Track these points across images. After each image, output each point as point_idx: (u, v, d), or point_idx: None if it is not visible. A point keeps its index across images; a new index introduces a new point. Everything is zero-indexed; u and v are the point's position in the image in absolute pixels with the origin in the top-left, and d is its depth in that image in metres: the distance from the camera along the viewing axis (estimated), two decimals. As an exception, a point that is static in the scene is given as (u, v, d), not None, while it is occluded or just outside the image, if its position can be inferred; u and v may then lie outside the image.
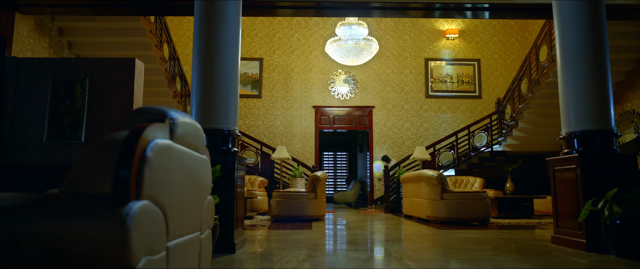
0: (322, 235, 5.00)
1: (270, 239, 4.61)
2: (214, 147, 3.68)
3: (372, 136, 11.61)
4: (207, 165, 2.19)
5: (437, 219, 6.51)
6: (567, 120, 4.00)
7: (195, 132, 1.93)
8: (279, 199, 6.97)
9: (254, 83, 11.58)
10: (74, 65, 5.43)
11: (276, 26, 11.82)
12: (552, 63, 7.76)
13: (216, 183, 3.41)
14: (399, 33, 11.96)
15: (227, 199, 3.50)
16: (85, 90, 5.40)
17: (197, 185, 1.99)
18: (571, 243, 3.76)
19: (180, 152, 1.71)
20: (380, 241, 4.67)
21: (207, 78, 3.76)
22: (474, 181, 9.47)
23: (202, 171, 2.09)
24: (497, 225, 6.32)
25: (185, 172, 1.79)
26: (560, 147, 9.91)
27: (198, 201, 2.04)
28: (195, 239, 2.01)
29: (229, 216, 3.49)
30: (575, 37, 3.98)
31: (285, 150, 9.77)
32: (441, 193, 6.53)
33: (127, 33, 7.02)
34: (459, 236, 4.84)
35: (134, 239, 1.25)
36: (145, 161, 1.36)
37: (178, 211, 1.69)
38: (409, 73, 11.85)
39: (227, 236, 3.46)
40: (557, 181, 4.05)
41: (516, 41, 12.03)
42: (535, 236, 5.03)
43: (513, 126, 9.51)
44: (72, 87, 5.50)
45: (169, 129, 1.62)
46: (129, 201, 1.29)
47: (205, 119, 3.72)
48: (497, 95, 11.58)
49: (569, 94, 3.97)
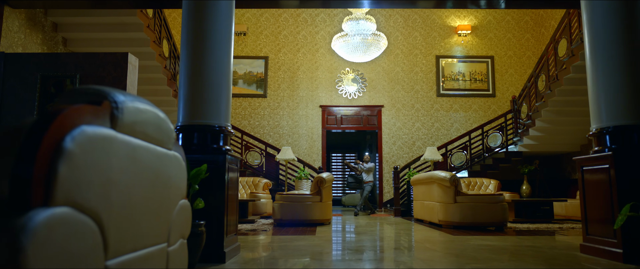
0: (326, 241, 4.61)
1: (268, 246, 4.24)
2: (204, 145, 3.33)
3: (381, 136, 11.20)
4: (177, 163, 1.83)
5: (450, 224, 6.08)
6: (597, 114, 3.57)
7: (156, 122, 1.57)
8: (282, 202, 6.61)
9: (259, 82, 11.25)
10: (64, 61, 5.13)
11: (282, 24, 11.49)
12: (572, 58, 7.29)
13: (203, 185, 3.06)
14: (408, 29, 11.54)
15: (216, 203, 3.14)
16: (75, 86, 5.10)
17: (160, 187, 1.63)
18: (604, 252, 3.33)
19: (129, 146, 1.35)
20: (388, 249, 4.28)
21: (197, 69, 3.41)
22: (488, 183, 9.00)
23: (170, 170, 1.73)
24: (514, 230, 5.88)
25: (140, 171, 1.43)
26: (580, 147, 9.41)
27: (163, 207, 1.68)
28: (158, 252, 1.65)
29: (218, 222, 3.13)
30: (607, 22, 3.56)
31: (291, 151, 9.41)
32: (454, 196, 6.11)
33: (124, 28, 6.72)
34: (474, 243, 4.43)
35: (35, 261, 0.89)
36: (61, 154, 1.00)
37: (126, 219, 1.34)
38: (420, 71, 11.41)
39: (216, 244, 3.10)
40: (587, 182, 3.62)
41: (531, 37, 11.53)
42: (560, 243, 4.59)
43: (530, 125, 9.03)
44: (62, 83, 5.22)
45: (110, 114, 1.26)
46: (31, 209, 0.93)
47: (193, 115, 3.37)
48: (512, 93, 11.10)
49: (600, 86, 3.55)
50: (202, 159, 3.19)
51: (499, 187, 8.85)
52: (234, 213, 3.47)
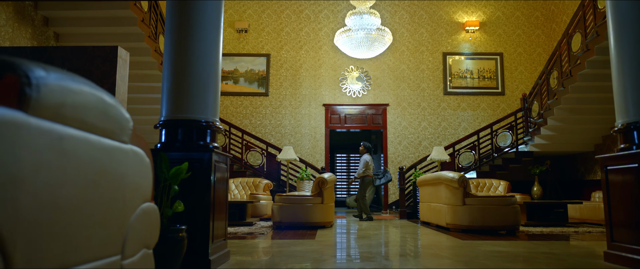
0: (325, 247, 4.30)
1: (262, 252, 3.93)
2: (189, 142, 3.03)
3: (386, 135, 10.86)
4: (136, 159, 1.53)
5: (458, 227, 5.75)
6: (623, 108, 3.23)
7: (99, 107, 1.27)
8: (281, 204, 6.30)
9: (260, 80, 10.96)
10: (51, 55, 4.84)
11: (284, 20, 11.19)
12: (587, 52, 6.91)
13: (183, 186, 2.76)
14: (414, 26, 11.20)
15: (201, 206, 2.84)
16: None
17: (108, 187, 1.33)
18: (633, 262, 2.99)
19: (52, 135, 1.05)
20: (392, 256, 3.96)
21: (182, 58, 3.12)
22: (498, 184, 8.64)
23: (123, 168, 1.43)
24: (526, 235, 5.53)
25: (73, 167, 1.13)
26: (593, 147, 9.01)
27: (112, 211, 1.38)
28: (106, 267, 1.35)
29: (203, 227, 2.83)
30: (633, 8, 3.22)
31: (292, 151, 9.10)
32: (463, 198, 5.77)
33: (117, 22, 6.46)
34: (485, 249, 4.09)
35: None
36: None
37: (48, 229, 1.04)
38: (426, 69, 11.07)
39: (201, 250, 2.80)
40: (612, 183, 3.27)
41: (542, 33, 11.14)
42: (579, 249, 4.24)
43: (541, 124, 8.65)
44: (49, 78, 4.93)
45: (17, 93, 0.96)
46: None
47: (178, 108, 3.08)
48: (522, 91, 10.71)
49: (627, 77, 3.21)
50: (186, 157, 2.90)
51: (508, 188, 8.48)
52: (223, 216, 3.17)
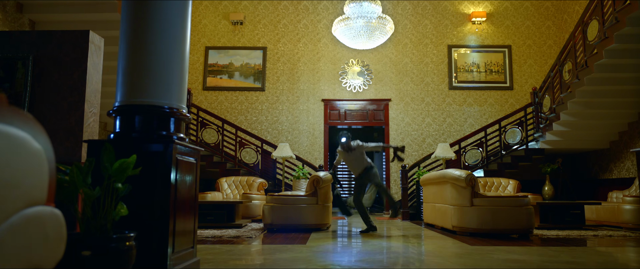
0: (316, 254, 3.80)
1: (241, 260, 3.43)
2: (148, 132, 2.55)
3: (388, 132, 10.34)
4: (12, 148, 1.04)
5: (465, 231, 5.23)
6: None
7: None
8: (272, 205, 5.80)
9: (256, 75, 10.46)
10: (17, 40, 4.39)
11: (281, 12, 10.69)
12: (605, 40, 6.38)
13: (137, 184, 2.27)
14: (418, 17, 10.66)
15: (159, 208, 2.35)
16: (28, 70, 4.39)
17: None
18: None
19: None
20: (391, 266, 3.45)
21: (140, 32, 2.63)
22: (507, 183, 8.12)
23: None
24: (541, 238, 5.01)
25: None
26: (609, 144, 8.45)
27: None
28: None
29: (159, 233, 2.33)
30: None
31: (288, 148, 8.61)
32: (471, 198, 5.25)
33: (97, 8, 5.99)
34: (498, 257, 3.59)
35: None
36: None
37: None
38: (430, 62, 10.53)
39: (156, 261, 2.31)
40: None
41: (553, 25, 10.58)
42: (607, 258, 3.72)
43: (553, 119, 8.11)
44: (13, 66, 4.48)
45: None
46: None
47: (135, 92, 2.58)
48: (531, 86, 10.15)
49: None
50: (142, 150, 2.41)
51: (518, 188, 7.96)
52: (190, 220, 2.67)
